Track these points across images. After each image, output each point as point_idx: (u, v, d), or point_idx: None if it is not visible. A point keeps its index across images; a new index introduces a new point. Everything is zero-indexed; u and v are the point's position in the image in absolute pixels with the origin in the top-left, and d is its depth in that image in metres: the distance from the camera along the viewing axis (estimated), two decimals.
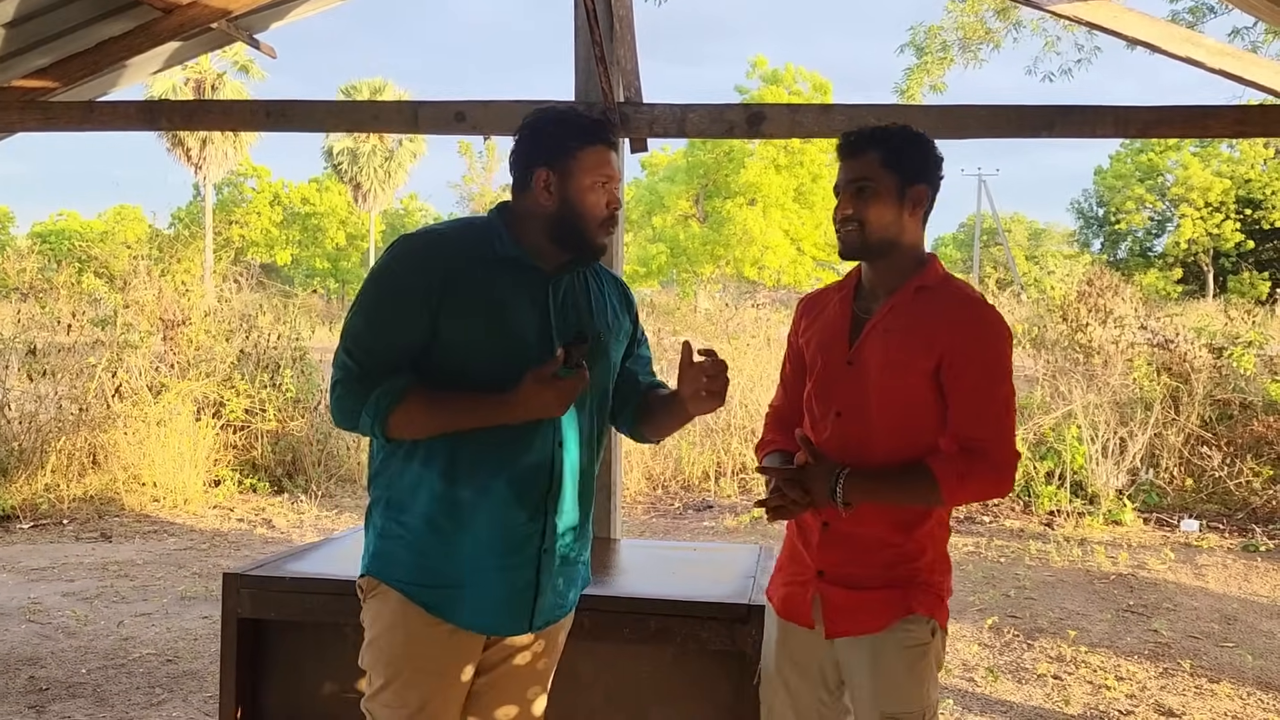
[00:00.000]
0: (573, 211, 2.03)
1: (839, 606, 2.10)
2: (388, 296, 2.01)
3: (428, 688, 2.03)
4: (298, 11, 4.42)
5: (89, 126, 4.05)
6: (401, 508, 2.04)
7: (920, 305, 2.07)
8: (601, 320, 2.18)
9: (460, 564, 2.01)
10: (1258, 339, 9.29)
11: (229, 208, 40.51)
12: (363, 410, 1.97)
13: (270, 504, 8.09)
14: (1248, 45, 9.10)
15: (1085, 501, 7.91)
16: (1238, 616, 5.54)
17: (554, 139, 2.04)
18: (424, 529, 2.02)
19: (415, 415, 1.97)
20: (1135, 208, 35.75)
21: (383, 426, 1.97)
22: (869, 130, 2.11)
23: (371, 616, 2.07)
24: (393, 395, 1.95)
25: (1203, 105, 3.61)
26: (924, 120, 3.71)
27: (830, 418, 2.12)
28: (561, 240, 2.07)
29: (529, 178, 2.05)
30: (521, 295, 2.04)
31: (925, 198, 2.10)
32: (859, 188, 2.07)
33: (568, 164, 2.03)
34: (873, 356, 2.08)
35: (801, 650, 2.18)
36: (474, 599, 2.02)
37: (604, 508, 3.65)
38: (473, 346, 2.00)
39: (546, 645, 2.19)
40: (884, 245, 2.09)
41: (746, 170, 26.61)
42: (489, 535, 2.02)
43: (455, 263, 2.01)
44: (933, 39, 10.54)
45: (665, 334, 10.83)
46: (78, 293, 10.17)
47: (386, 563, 2.04)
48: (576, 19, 3.60)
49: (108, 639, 4.87)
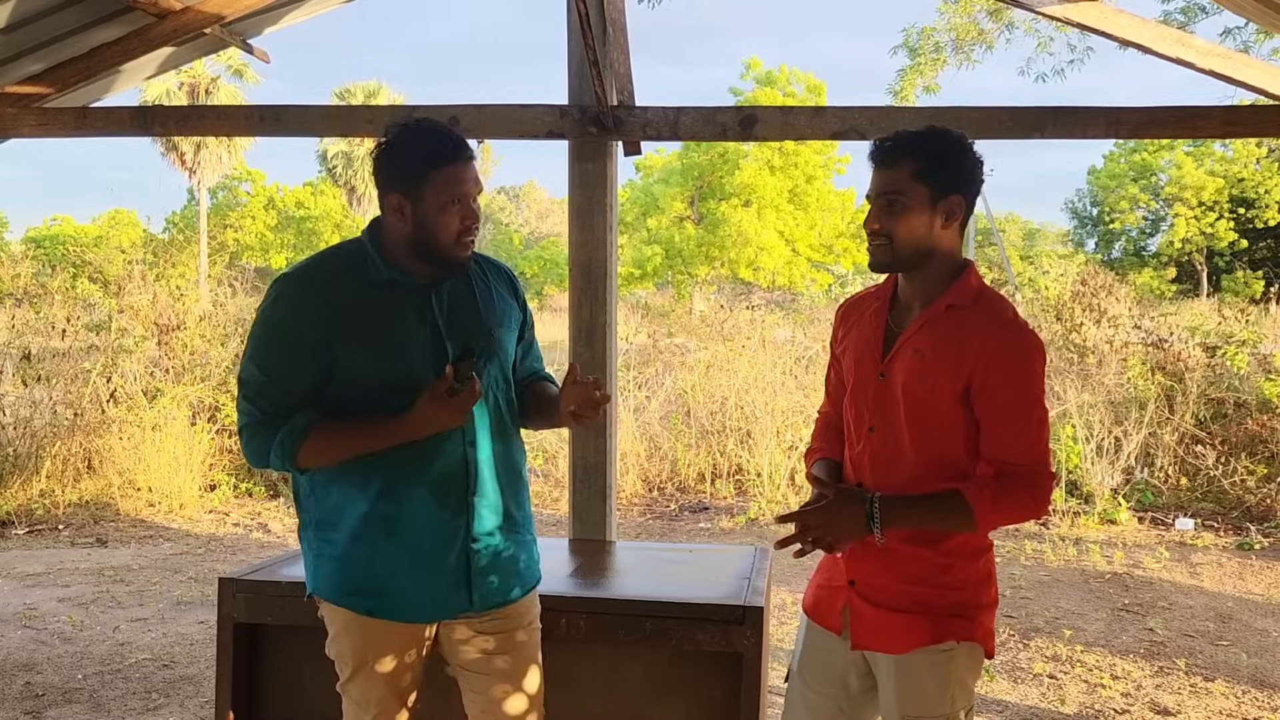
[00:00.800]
0: (426, 233, 2.08)
1: (868, 623, 2.09)
2: (277, 344, 2.09)
3: (386, 676, 2.19)
4: (291, 16, 4.42)
5: (83, 132, 4.06)
6: (331, 526, 2.15)
7: (950, 325, 2.01)
8: (490, 313, 2.24)
9: (392, 570, 2.13)
10: (1251, 338, 9.31)
11: (223, 212, 40.39)
12: (270, 451, 2.08)
13: (266, 508, 8.09)
14: (1239, 45, 9.12)
15: (1080, 501, 7.93)
16: (1233, 615, 5.55)
17: (402, 163, 2.08)
18: (352, 545, 2.13)
19: (322, 448, 2.08)
20: (1129, 207, 35.78)
21: (293, 462, 2.08)
22: (903, 138, 2.02)
23: (327, 620, 2.22)
24: (296, 434, 2.06)
25: (1193, 105, 3.62)
26: (916, 121, 3.70)
27: (864, 431, 2.11)
28: (426, 259, 2.12)
29: (383, 201, 2.10)
30: (407, 313, 2.11)
31: (960, 208, 2.01)
32: (889, 201, 2.00)
33: (419, 187, 2.06)
34: (901, 374, 2.05)
35: (826, 655, 2.19)
36: (412, 596, 2.15)
37: (599, 510, 3.66)
38: (371, 373, 2.09)
39: (532, 616, 2.30)
40: (914, 258, 2.03)
41: (741, 172, 26.62)
42: (416, 540, 2.13)
43: (335, 299, 2.08)
44: (926, 40, 10.57)
45: (660, 336, 10.83)
46: (72, 297, 10.17)
47: (324, 581, 2.18)
48: (570, 23, 3.60)
49: (104, 644, 4.87)
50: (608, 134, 3.64)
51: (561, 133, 3.66)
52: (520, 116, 3.71)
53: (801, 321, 12.22)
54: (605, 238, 3.66)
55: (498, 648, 2.23)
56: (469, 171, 2.09)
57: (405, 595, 2.14)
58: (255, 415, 2.08)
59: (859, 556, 2.10)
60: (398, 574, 2.13)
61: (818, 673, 2.20)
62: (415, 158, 2.06)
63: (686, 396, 9.38)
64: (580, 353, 3.68)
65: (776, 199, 26.96)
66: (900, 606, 2.05)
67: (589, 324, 3.68)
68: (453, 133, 2.11)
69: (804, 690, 2.22)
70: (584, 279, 3.67)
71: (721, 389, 9.25)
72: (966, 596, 2.06)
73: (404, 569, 2.13)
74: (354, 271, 2.11)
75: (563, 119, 3.66)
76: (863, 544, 2.08)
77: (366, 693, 2.20)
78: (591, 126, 3.63)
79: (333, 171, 39.23)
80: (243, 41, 4.32)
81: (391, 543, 2.11)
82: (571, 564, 3.14)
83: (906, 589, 2.05)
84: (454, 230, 2.08)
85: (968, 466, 2.04)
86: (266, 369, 2.08)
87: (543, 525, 6.65)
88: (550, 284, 34.11)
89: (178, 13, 3.83)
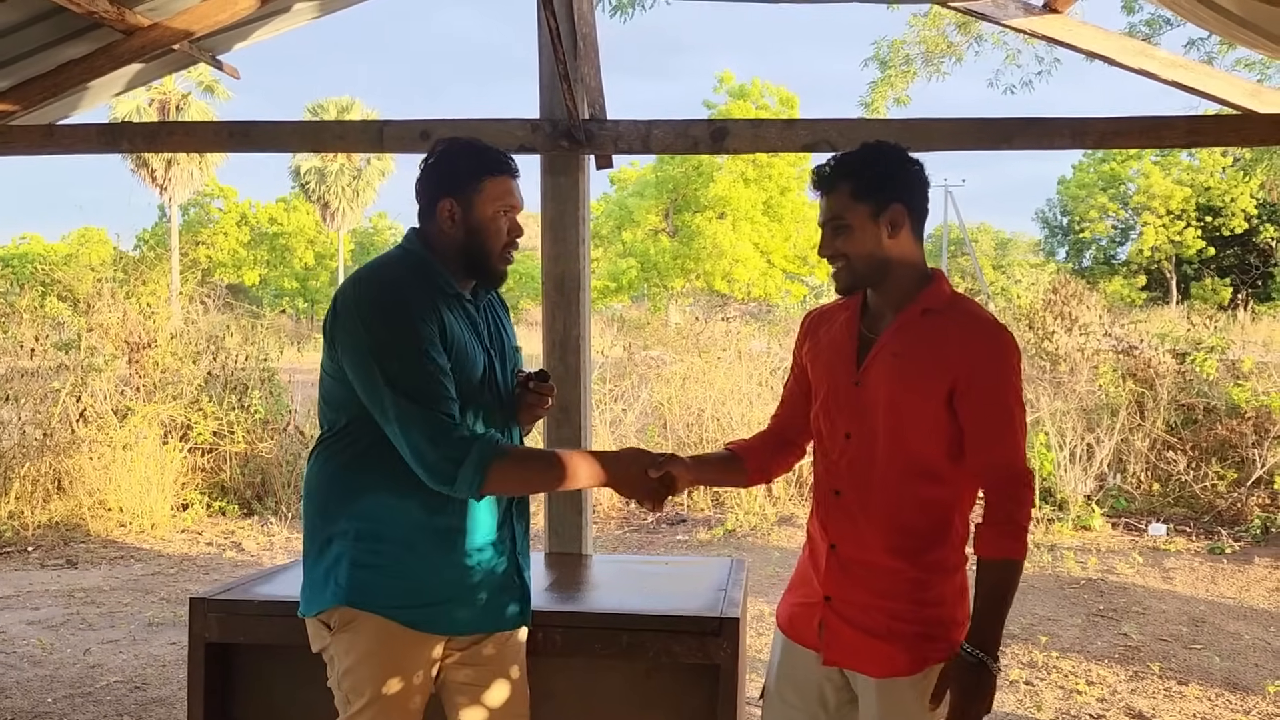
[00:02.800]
0: (476, 240, 2.12)
1: (844, 641, 2.09)
2: (418, 332, 2.02)
3: (404, 698, 2.12)
4: (260, 33, 4.40)
5: (50, 150, 4.02)
6: (376, 537, 2.09)
7: (928, 328, 2.04)
8: (511, 332, 2.33)
9: (448, 582, 2.12)
10: (1220, 344, 9.42)
11: (195, 229, 40.17)
12: (463, 463, 1.99)
13: (240, 527, 8.00)
14: (1203, 57, 9.27)
15: (1054, 508, 7.99)
16: (1205, 618, 5.61)
17: (458, 170, 2.12)
18: (406, 554, 2.10)
19: (518, 471, 2.10)
20: (1099, 216, 36.24)
21: (483, 480, 1.99)
22: (836, 162, 2.08)
23: (344, 647, 2.11)
24: (493, 447, 2.02)
25: (1157, 116, 3.67)
26: (887, 133, 3.72)
27: (840, 439, 2.12)
28: (469, 268, 2.16)
29: (434, 208, 2.13)
30: (466, 328, 2.15)
31: (904, 216, 2.04)
32: (835, 227, 2.05)
33: (471, 194, 2.11)
34: (881, 379, 2.05)
35: (803, 670, 2.17)
36: (465, 608, 2.15)
37: (574, 524, 3.65)
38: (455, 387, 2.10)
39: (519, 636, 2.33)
40: (875, 273, 2.07)
41: (715, 184, 26.74)
42: (473, 553, 2.13)
43: (428, 300, 2.08)
44: (896, 53, 10.66)
45: (637, 349, 10.84)
46: (41, 317, 10.02)
47: (365, 592, 2.09)
48: (540, 37, 3.61)
49: (74, 667, 4.80)
50: (579, 147, 3.64)
51: (533, 146, 3.67)
52: (492, 130, 3.71)
53: (777, 333, 12.27)
54: (578, 251, 3.66)
55: (488, 664, 2.24)
56: (516, 187, 2.18)
57: (458, 607, 2.14)
58: (438, 416, 1.99)
59: (835, 571, 2.10)
60: (453, 585, 2.13)
61: (795, 688, 2.19)
62: (470, 165, 2.13)
63: (663, 409, 9.38)
64: (554, 365, 3.67)
65: (751, 211, 27.10)
66: (878, 631, 2.04)
67: (563, 337, 3.68)
68: (504, 151, 2.19)
69: (781, 707, 2.21)
70: (557, 292, 3.67)
71: (698, 401, 9.26)
72: (944, 613, 2.06)
73: (460, 580, 2.13)
74: (432, 281, 2.12)
75: (534, 133, 3.66)
76: (838, 560, 2.09)
77: (390, 712, 2.12)
78: (563, 140, 3.63)
79: (305, 188, 39.08)
80: (212, 58, 4.29)
81: (448, 557, 2.12)
82: (548, 578, 3.13)
83: (884, 606, 2.04)
84: (503, 240, 2.15)
85: (945, 469, 2.04)
86: (426, 355, 2.01)
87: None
88: (525, 298, 34.08)
89: (145, 29, 3.81)
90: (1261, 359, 9.92)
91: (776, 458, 2.36)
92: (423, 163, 2.16)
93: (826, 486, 2.14)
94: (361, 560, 2.09)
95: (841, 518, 2.10)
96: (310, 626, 2.18)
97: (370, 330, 2.02)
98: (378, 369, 1.99)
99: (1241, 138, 3.78)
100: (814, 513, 2.20)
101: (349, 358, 2.05)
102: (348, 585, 2.09)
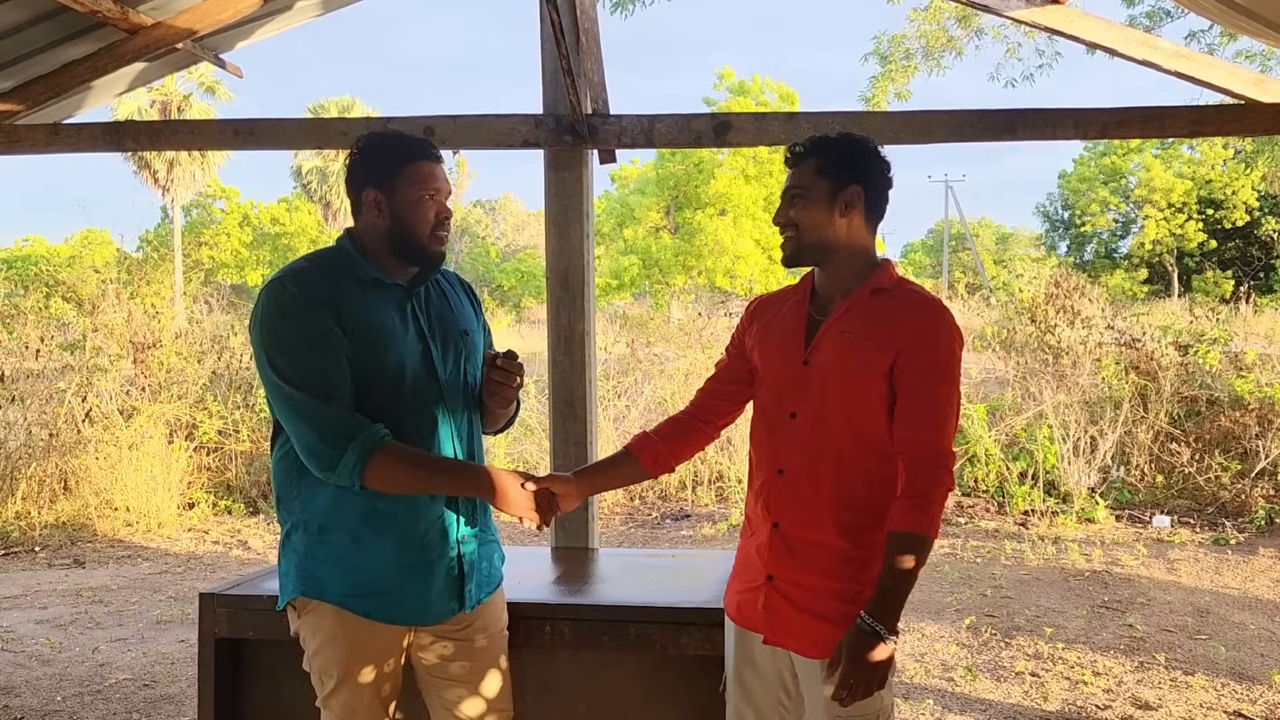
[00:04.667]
0: (403, 225, 2.15)
1: (785, 622, 2.12)
2: (308, 340, 2.06)
3: (371, 684, 2.19)
4: (263, 31, 4.41)
5: (54, 149, 4.03)
6: (323, 528, 2.15)
7: (877, 306, 2.11)
8: (462, 316, 2.32)
9: (390, 567, 2.15)
10: (1222, 336, 9.43)
11: (198, 230, 40.13)
12: (340, 458, 2.04)
13: (246, 525, 8.03)
14: (1204, 48, 9.25)
15: (1058, 500, 8.00)
16: (1210, 609, 5.61)
17: (379, 160, 2.16)
18: (350, 544, 2.14)
19: (395, 472, 2.09)
20: (1100, 210, 36.16)
21: (362, 473, 2.05)
22: (810, 140, 2.16)
23: (309, 631, 2.20)
24: (374, 441, 2.05)
25: (1159, 106, 3.68)
26: (889, 126, 3.76)
27: (785, 419, 2.15)
28: (402, 254, 2.18)
29: (360, 201, 2.17)
30: (393, 313, 2.17)
31: (860, 198, 2.11)
32: (793, 195, 2.13)
33: (393, 182, 2.14)
34: (830, 356, 2.10)
35: (760, 654, 2.20)
36: (410, 596, 2.17)
37: (580, 518, 3.66)
38: (363, 371, 2.10)
39: (487, 621, 2.33)
40: (821, 249, 2.14)
41: (716, 181, 26.70)
42: (412, 535, 2.15)
43: (334, 293, 2.11)
44: (896, 47, 10.65)
45: (639, 345, 10.84)
46: (46, 318, 10.05)
47: (316, 582, 2.16)
48: (543, 33, 3.62)
49: (83, 666, 4.82)
50: (583, 142, 3.65)
51: (537, 142, 3.68)
52: (495, 126, 3.72)
53: None
54: (582, 246, 3.67)
55: (455, 653, 2.27)
56: (439, 171, 2.19)
57: (405, 593, 2.17)
58: (323, 405, 2.04)
59: (778, 550, 2.13)
60: (399, 574, 2.15)
61: (757, 675, 2.22)
62: (388, 155, 2.16)
63: (666, 405, 9.39)
64: (559, 361, 3.68)
65: (752, 207, 27.06)
66: (819, 612, 2.07)
67: (568, 332, 3.69)
68: (421, 137, 2.22)
69: (744, 695, 2.24)
70: (561, 287, 3.68)
71: None
72: None
73: (401, 565, 2.15)
74: (342, 270, 2.16)
75: (538, 128, 3.67)
76: (781, 538, 2.12)
77: (352, 703, 2.19)
78: (566, 135, 3.64)
79: (307, 187, 39.04)
80: (215, 56, 4.31)
81: (388, 540, 2.14)
82: (554, 571, 3.14)
83: (827, 586, 2.07)
84: (429, 223, 2.16)
85: (889, 446, 2.07)
86: (316, 346, 2.05)
87: (524, 534, 6.64)
88: (528, 296, 34.10)
89: (149, 28, 3.82)
90: (1264, 351, 9.93)
91: (680, 444, 2.38)
92: (345, 160, 2.21)
93: (770, 467, 2.17)
94: (313, 552, 2.16)
95: (786, 497, 2.13)
96: (288, 613, 2.26)
97: (264, 328, 2.10)
98: (268, 364, 2.08)
99: (1245, 127, 3.78)
100: (754, 494, 2.23)
101: (255, 356, 2.14)
102: (303, 576, 2.17)
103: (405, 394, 2.14)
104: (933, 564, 6.59)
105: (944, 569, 6.47)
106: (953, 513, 7.92)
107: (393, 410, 2.12)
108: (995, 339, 10.55)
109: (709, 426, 2.38)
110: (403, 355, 2.14)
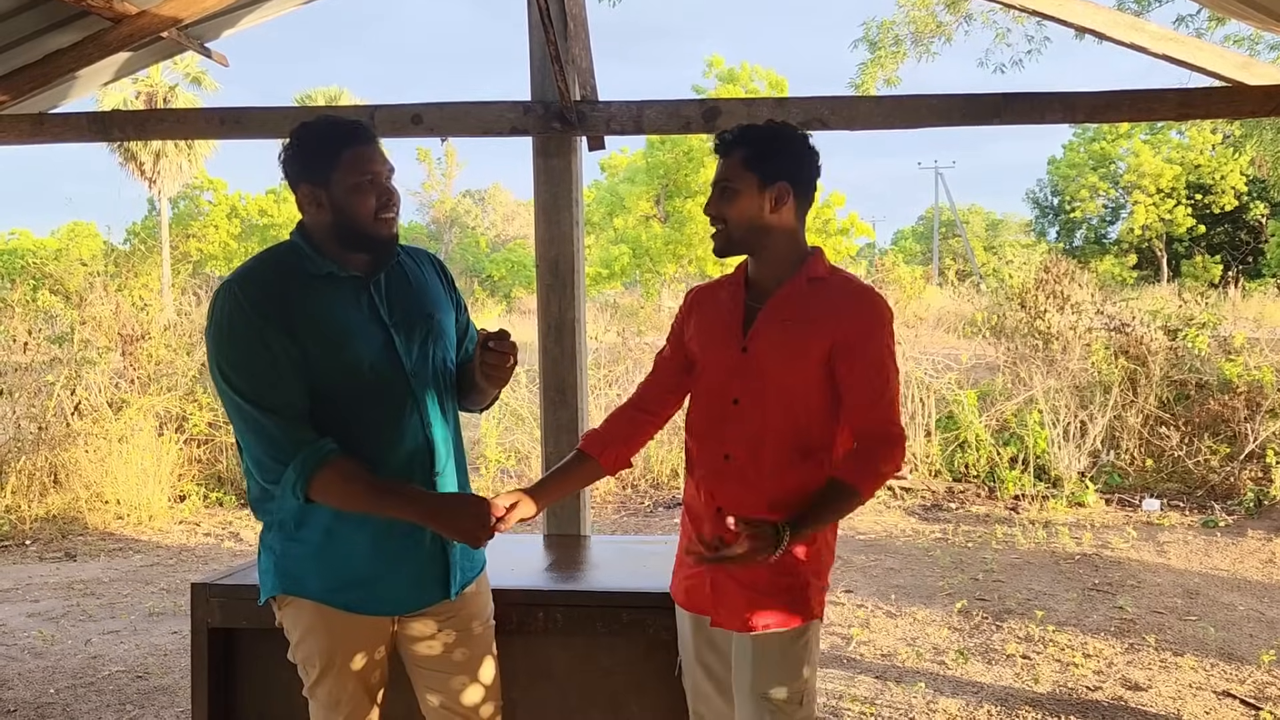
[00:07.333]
0: (345, 216, 2.09)
1: (727, 600, 2.18)
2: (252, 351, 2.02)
3: (357, 674, 2.19)
4: (249, 19, 4.39)
5: (40, 139, 4.00)
6: (297, 524, 2.13)
7: (813, 294, 2.16)
8: (427, 298, 2.27)
9: (368, 560, 2.13)
10: (1211, 320, 9.47)
11: (185, 221, 39.91)
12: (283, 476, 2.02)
13: (237, 517, 8.01)
14: (1191, 32, 9.27)
15: (1049, 485, 8.03)
16: (1199, 591, 5.65)
17: (308, 155, 2.10)
18: (324, 539, 2.12)
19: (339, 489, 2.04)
20: (1089, 196, 36.23)
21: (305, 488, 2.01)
22: (739, 130, 2.17)
23: (290, 623, 2.20)
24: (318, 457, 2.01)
25: (1147, 89, 3.68)
26: (877, 111, 3.76)
27: (728, 404, 2.19)
28: (351, 244, 2.13)
29: (299, 197, 2.12)
30: (349, 306, 2.12)
31: (788, 193, 2.13)
32: (722, 189, 2.16)
33: (327, 174, 2.08)
34: (768, 343, 2.15)
35: (716, 635, 2.26)
36: (389, 587, 2.16)
37: (572, 505, 3.66)
38: (323, 365, 2.06)
39: (480, 606, 2.32)
40: (750, 241, 2.17)
41: (706, 169, 26.62)
42: (387, 526, 2.12)
43: (284, 293, 2.06)
44: (885, 34, 10.67)
45: (630, 334, 10.84)
46: (33, 311, 10.00)
47: (295, 579, 2.15)
48: (530, 19, 3.61)
49: (76, 658, 4.81)
50: (571, 129, 3.64)
51: (525, 129, 3.66)
52: (483, 113, 3.71)
53: None
54: (572, 233, 3.66)
55: (458, 640, 2.26)
56: (375, 152, 2.12)
57: (384, 585, 2.15)
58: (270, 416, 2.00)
59: (721, 531, 2.15)
60: (377, 564, 2.14)
61: (714, 651, 2.27)
62: (319, 146, 2.09)
63: None
64: (550, 349, 3.68)
65: None
66: (762, 588, 2.13)
67: (558, 319, 3.68)
68: (353, 119, 2.14)
69: (704, 676, 2.30)
70: (551, 275, 3.68)
71: None
72: (822, 566, 2.20)
73: (380, 556, 2.13)
74: (294, 267, 2.11)
75: (526, 115, 3.66)
76: (723, 518, 2.13)
77: (336, 692, 2.19)
78: (555, 122, 3.63)
79: None
80: (201, 45, 4.28)
81: (363, 533, 2.11)
82: (547, 558, 3.14)
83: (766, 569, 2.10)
84: (370, 208, 2.09)
85: (825, 432, 2.14)
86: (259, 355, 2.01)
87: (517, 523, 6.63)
88: (519, 286, 34.03)
89: (134, 17, 3.79)
90: (1253, 335, 9.98)
91: (632, 437, 2.39)
92: (279, 157, 2.14)
93: (715, 453, 2.20)
94: (289, 550, 2.15)
95: (733, 481, 2.17)
96: (271, 606, 2.25)
97: (214, 337, 2.07)
98: (219, 373, 2.05)
99: (1233, 110, 3.78)
100: (696, 480, 2.26)
101: (208, 362, 2.12)
102: (282, 573, 2.16)
103: (367, 388, 2.09)
104: (924, 548, 6.62)
105: (935, 554, 6.49)
106: (944, 498, 7.95)
107: (355, 405, 2.08)
108: (985, 325, 10.59)
109: (656, 418, 2.41)
110: (362, 349, 2.09)
